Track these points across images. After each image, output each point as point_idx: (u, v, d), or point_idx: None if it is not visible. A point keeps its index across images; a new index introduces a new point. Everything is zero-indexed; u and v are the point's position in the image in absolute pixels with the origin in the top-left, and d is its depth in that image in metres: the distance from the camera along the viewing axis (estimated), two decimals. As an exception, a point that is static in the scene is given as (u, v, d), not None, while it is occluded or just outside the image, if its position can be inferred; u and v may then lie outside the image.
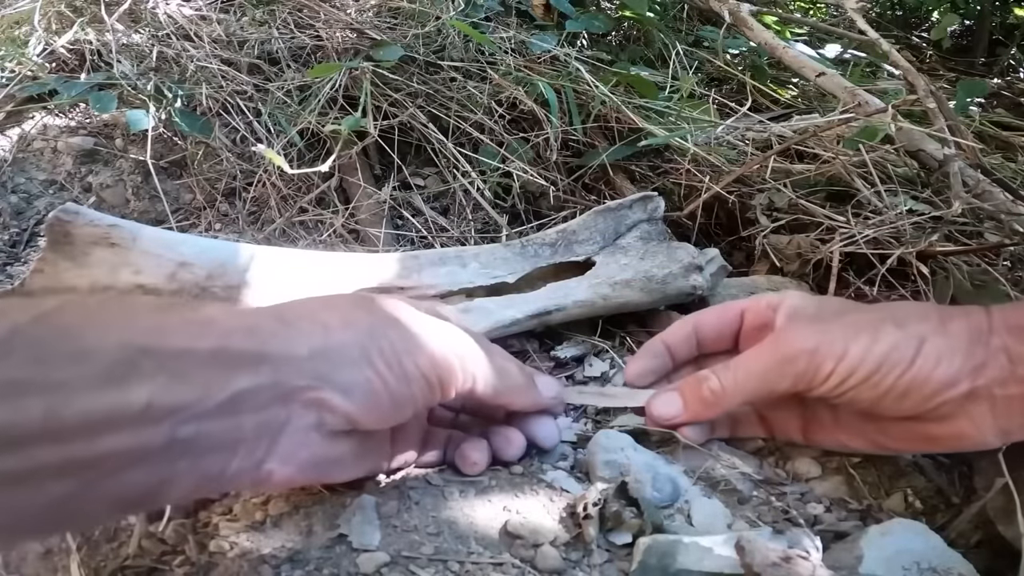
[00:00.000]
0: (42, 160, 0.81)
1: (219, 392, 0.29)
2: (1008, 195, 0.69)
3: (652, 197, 0.65)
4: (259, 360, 0.31)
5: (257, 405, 0.30)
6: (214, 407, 0.29)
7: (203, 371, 0.29)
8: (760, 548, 0.33)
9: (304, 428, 0.33)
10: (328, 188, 0.79)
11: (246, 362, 0.30)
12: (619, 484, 0.39)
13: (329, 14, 0.95)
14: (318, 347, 0.33)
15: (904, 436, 0.42)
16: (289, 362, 0.32)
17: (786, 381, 0.42)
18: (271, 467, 0.32)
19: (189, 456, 0.29)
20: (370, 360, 0.34)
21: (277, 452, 0.32)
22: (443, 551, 0.36)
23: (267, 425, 0.31)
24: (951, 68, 1.47)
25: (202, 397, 0.28)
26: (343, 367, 0.34)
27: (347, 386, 0.33)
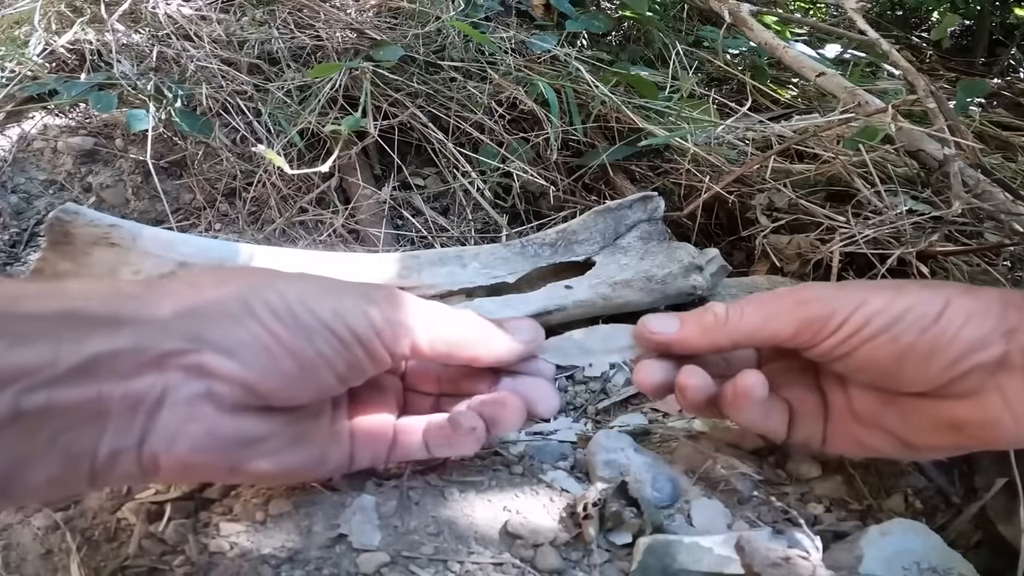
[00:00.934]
0: (42, 160, 0.81)
1: (70, 356, 0.26)
2: (1008, 195, 0.69)
3: (652, 197, 0.65)
4: (115, 322, 0.27)
5: (119, 372, 0.27)
6: (64, 371, 0.25)
7: (50, 334, 0.26)
8: (760, 548, 0.33)
9: (189, 399, 0.28)
10: (328, 188, 0.79)
11: (100, 324, 0.27)
12: (619, 484, 0.39)
13: (329, 14, 0.96)
14: (186, 306, 0.29)
15: (927, 425, 0.37)
16: (151, 324, 0.28)
17: (792, 326, 0.37)
18: (155, 448, 0.28)
19: (45, 430, 0.25)
20: (253, 312, 0.30)
21: (159, 429, 0.28)
22: (443, 551, 0.36)
23: (138, 396, 0.27)
24: (951, 68, 1.47)
25: (51, 361, 0.25)
26: (220, 324, 0.29)
27: (229, 346, 0.29)
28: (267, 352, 0.30)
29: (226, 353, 0.29)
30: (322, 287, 0.33)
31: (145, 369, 0.27)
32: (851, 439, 0.41)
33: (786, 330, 0.38)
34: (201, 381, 0.28)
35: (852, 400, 0.40)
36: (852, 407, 0.40)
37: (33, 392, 0.25)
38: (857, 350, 0.36)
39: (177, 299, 0.29)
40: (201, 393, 0.29)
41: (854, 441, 0.41)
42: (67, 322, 0.26)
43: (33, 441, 0.25)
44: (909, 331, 0.35)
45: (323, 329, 0.31)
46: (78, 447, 0.26)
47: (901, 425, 0.38)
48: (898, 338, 0.35)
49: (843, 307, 0.36)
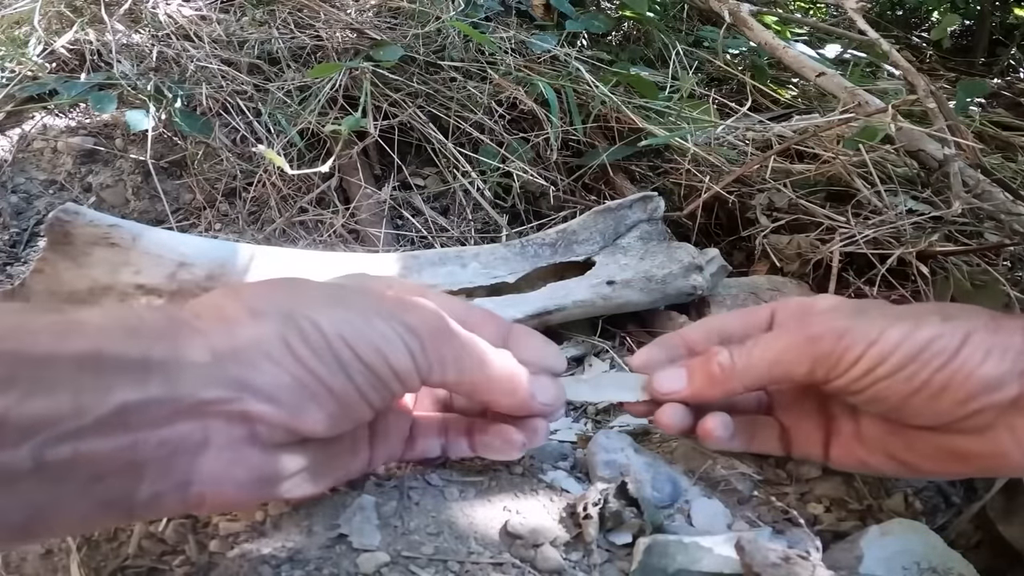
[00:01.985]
0: (42, 160, 0.81)
1: (97, 406, 0.24)
2: (1008, 195, 0.69)
3: (652, 197, 0.65)
4: (144, 368, 0.25)
5: (153, 421, 0.25)
6: (92, 423, 0.24)
7: (71, 380, 0.24)
8: (760, 548, 0.33)
9: (232, 443, 0.28)
10: (328, 188, 0.79)
11: (127, 370, 0.25)
12: (619, 484, 0.39)
13: (329, 14, 0.95)
14: (223, 348, 0.27)
15: (932, 453, 0.37)
16: (185, 370, 0.26)
17: (804, 364, 0.37)
18: (201, 489, 0.27)
19: (73, 481, 0.24)
20: (293, 352, 0.28)
21: (203, 472, 0.27)
22: (443, 551, 0.36)
23: (176, 442, 0.26)
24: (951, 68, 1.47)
25: (75, 411, 0.23)
26: (260, 368, 0.28)
27: (271, 391, 0.28)
28: (309, 393, 0.29)
29: (268, 399, 0.28)
30: (361, 315, 0.31)
31: (182, 416, 0.26)
32: (854, 459, 0.41)
33: (799, 369, 0.37)
34: (244, 426, 0.28)
35: (860, 426, 0.40)
36: (859, 432, 0.40)
37: (58, 444, 0.23)
38: (870, 388, 0.35)
39: (212, 340, 0.27)
40: (244, 437, 0.28)
41: (856, 460, 0.41)
42: (88, 367, 0.24)
43: (60, 489, 0.24)
44: (925, 369, 0.34)
45: (363, 368, 0.30)
46: (113, 494, 0.25)
47: (905, 452, 0.38)
48: (913, 376, 0.34)
49: (857, 342, 0.35)
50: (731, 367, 0.38)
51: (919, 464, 0.38)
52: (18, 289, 0.48)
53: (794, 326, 0.39)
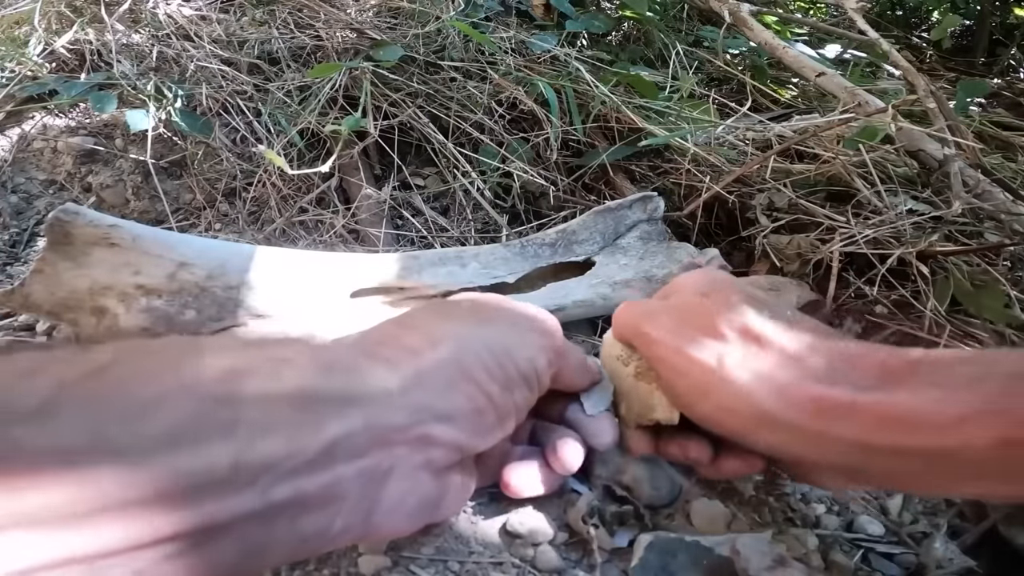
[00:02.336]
0: (42, 160, 0.81)
1: (311, 442, 0.25)
2: (1008, 195, 0.69)
3: (652, 197, 0.65)
4: (345, 402, 0.27)
5: (355, 452, 0.26)
6: (306, 462, 0.25)
7: (287, 420, 0.25)
8: (755, 552, 0.34)
9: (411, 471, 0.29)
10: (328, 188, 0.78)
11: (331, 404, 0.26)
12: (605, 488, 0.40)
13: (329, 14, 0.96)
14: (410, 376, 0.29)
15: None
16: (378, 399, 0.28)
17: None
18: (378, 520, 0.28)
19: (286, 518, 0.25)
20: (469, 375, 0.31)
21: (383, 502, 0.28)
22: (443, 551, 0.36)
23: (369, 473, 0.27)
24: (951, 68, 1.47)
25: (294, 451, 0.24)
26: (440, 392, 0.30)
27: (449, 413, 0.30)
28: (479, 413, 0.31)
29: (447, 420, 0.29)
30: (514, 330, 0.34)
31: (375, 447, 0.27)
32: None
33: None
34: (423, 452, 0.29)
35: None
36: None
37: (281, 483, 0.24)
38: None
39: (401, 369, 0.29)
40: (421, 463, 0.29)
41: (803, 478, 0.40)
42: (298, 405, 0.25)
43: (275, 529, 0.24)
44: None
45: (522, 380, 0.33)
46: (314, 529, 0.26)
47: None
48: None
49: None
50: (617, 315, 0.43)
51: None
52: (18, 289, 0.48)
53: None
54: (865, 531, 0.42)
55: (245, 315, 0.51)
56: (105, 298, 0.49)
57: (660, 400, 0.39)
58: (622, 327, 0.41)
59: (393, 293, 0.56)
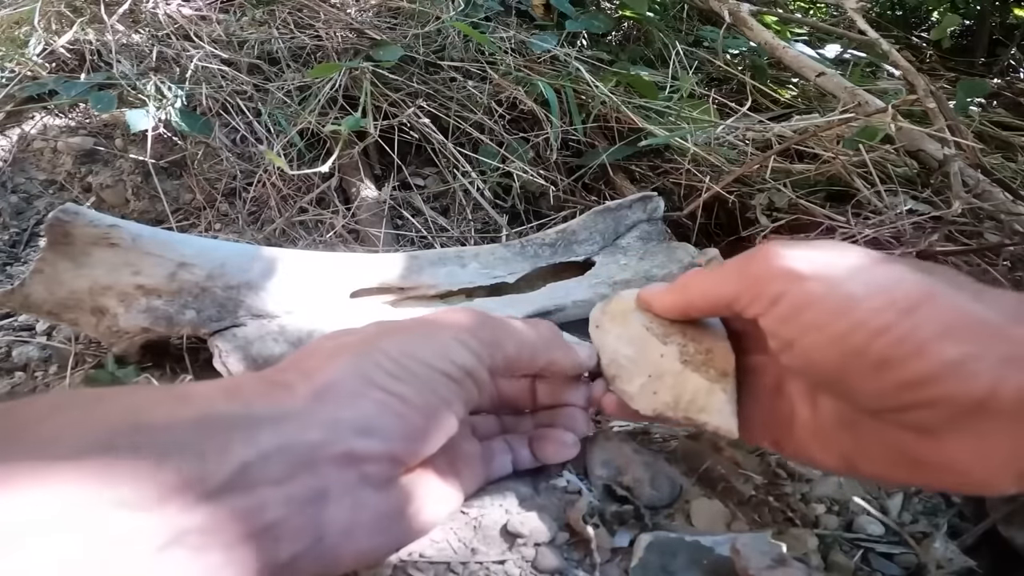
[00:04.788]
0: (42, 160, 0.81)
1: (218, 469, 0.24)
2: (1008, 195, 0.69)
3: (652, 197, 0.65)
4: (250, 423, 0.26)
5: (275, 477, 0.26)
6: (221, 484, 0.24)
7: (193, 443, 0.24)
8: (755, 552, 0.34)
9: (349, 490, 0.28)
10: (328, 188, 0.78)
11: (237, 427, 0.26)
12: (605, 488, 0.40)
13: (329, 14, 0.96)
14: (309, 394, 0.28)
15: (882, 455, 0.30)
16: (286, 419, 0.27)
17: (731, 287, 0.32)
18: (334, 543, 0.27)
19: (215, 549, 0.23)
20: (374, 382, 0.29)
21: (331, 525, 0.27)
22: (444, 551, 0.36)
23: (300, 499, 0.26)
24: (951, 68, 1.47)
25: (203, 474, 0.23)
26: (349, 403, 0.29)
27: (365, 422, 0.29)
28: (399, 418, 0.30)
29: (365, 432, 0.28)
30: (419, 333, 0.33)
31: (298, 470, 0.26)
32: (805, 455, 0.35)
33: (725, 292, 0.32)
34: (353, 469, 0.28)
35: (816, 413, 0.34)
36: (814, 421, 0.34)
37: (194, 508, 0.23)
38: (799, 341, 0.29)
39: (301, 389, 0.29)
40: (357, 480, 0.28)
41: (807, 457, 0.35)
42: (203, 429, 0.25)
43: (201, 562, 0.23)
44: (860, 330, 0.26)
45: (437, 375, 0.31)
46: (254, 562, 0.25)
47: (856, 451, 0.31)
48: (844, 337, 0.26)
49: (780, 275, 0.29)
50: (686, 283, 0.36)
51: (870, 468, 0.31)
52: (18, 289, 0.48)
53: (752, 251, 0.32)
54: (865, 531, 0.42)
55: (245, 315, 0.51)
56: (105, 298, 0.49)
57: (722, 405, 0.34)
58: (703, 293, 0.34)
59: (393, 293, 0.56)
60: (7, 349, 0.57)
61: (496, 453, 0.40)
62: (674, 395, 0.36)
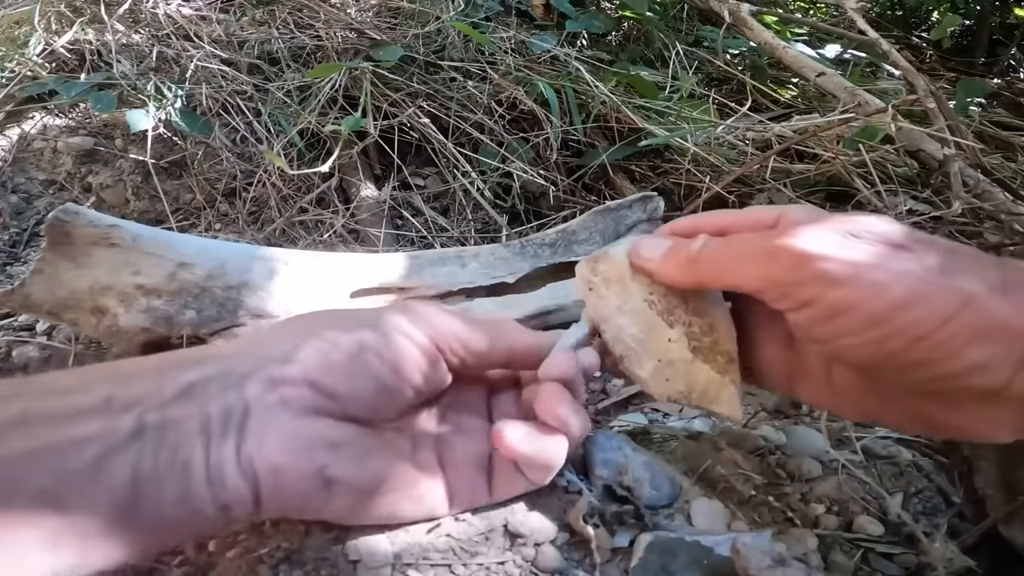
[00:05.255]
0: (42, 160, 0.81)
1: (173, 384, 0.31)
2: (1008, 195, 0.69)
3: (652, 197, 0.65)
4: (201, 361, 0.33)
5: (212, 393, 0.32)
6: (171, 396, 0.31)
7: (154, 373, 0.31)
8: (755, 552, 0.34)
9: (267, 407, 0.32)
10: (328, 188, 0.79)
11: (190, 362, 0.32)
12: (605, 488, 0.40)
13: (329, 14, 0.96)
14: (255, 339, 0.35)
15: (904, 415, 0.33)
16: (229, 357, 0.33)
17: (756, 281, 0.31)
18: (249, 452, 0.31)
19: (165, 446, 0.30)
20: (314, 331, 0.34)
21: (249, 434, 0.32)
22: (444, 552, 0.36)
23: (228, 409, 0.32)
24: (951, 68, 1.47)
25: (157, 389, 0.31)
26: (278, 341, 0.34)
27: (290, 355, 0.33)
28: (320, 353, 0.33)
29: (288, 361, 0.33)
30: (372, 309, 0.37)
31: (231, 389, 0.32)
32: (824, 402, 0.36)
33: (750, 284, 0.32)
34: (275, 391, 0.32)
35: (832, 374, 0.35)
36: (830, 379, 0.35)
37: (151, 412, 0.30)
38: (833, 341, 0.30)
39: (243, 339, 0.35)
40: (276, 401, 0.32)
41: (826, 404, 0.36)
42: (165, 365, 0.32)
43: (158, 457, 0.29)
44: (899, 337, 0.28)
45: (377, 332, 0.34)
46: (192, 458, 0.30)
47: (878, 409, 0.34)
48: (882, 343, 0.28)
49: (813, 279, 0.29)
50: (695, 258, 0.34)
51: (887, 421, 0.35)
52: (18, 289, 0.48)
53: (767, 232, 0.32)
54: (865, 531, 0.42)
55: (245, 315, 0.51)
56: (105, 298, 0.49)
57: (731, 396, 0.34)
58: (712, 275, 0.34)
59: (393, 293, 0.56)
60: (7, 349, 0.57)
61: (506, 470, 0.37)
62: (687, 384, 0.36)
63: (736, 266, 0.32)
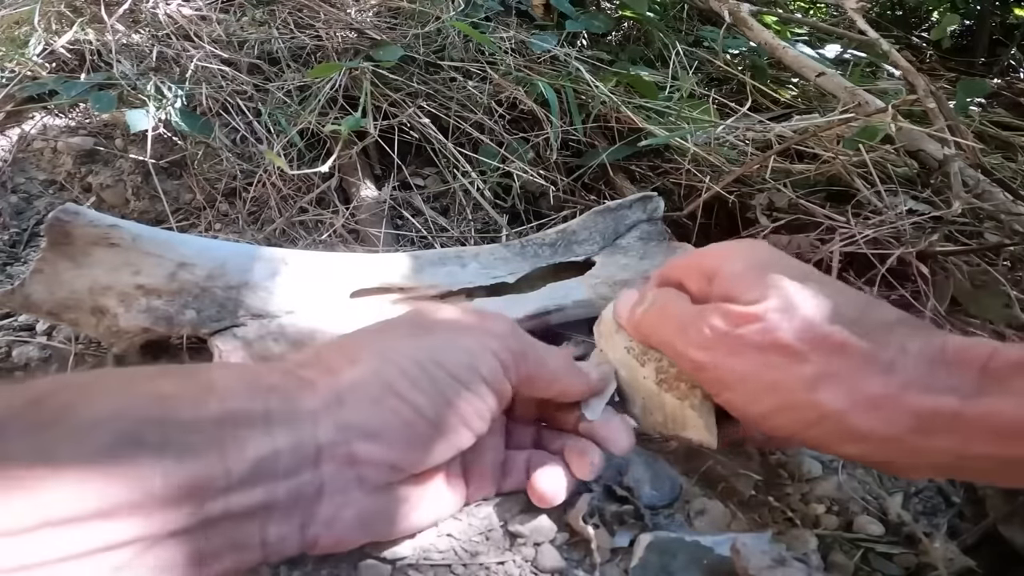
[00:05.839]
0: (42, 160, 0.81)
1: (237, 464, 0.27)
2: (1008, 195, 0.69)
3: (652, 197, 0.65)
4: (268, 420, 0.28)
5: (283, 471, 0.28)
6: (236, 480, 0.27)
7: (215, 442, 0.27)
8: (755, 552, 0.34)
9: (343, 488, 0.30)
10: (328, 188, 0.78)
11: (254, 424, 0.28)
12: (605, 488, 0.40)
13: (329, 14, 0.95)
14: (331, 395, 0.30)
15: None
16: (303, 419, 0.29)
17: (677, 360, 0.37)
18: (316, 532, 0.30)
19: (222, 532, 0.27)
20: (392, 387, 0.30)
21: (318, 516, 0.30)
22: (445, 552, 0.36)
23: (299, 492, 0.29)
24: (951, 68, 1.47)
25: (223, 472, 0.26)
26: (366, 409, 0.30)
27: (374, 429, 0.30)
28: (409, 427, 0.31)
29: (372, 437, 0.30)
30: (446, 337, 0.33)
31: (304, 466, 0.29)
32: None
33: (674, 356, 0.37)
34: (352, 469, 0.30)
35: None
36: None
37: (211, 502, 0.26)
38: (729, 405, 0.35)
39: (320, 389, 0.30)
40: (353, 480, 0.30)
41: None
42: (226, 427, 0.27)
43: (211, 543, 0.27)
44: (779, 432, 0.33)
45: (457, 384, 0.32)
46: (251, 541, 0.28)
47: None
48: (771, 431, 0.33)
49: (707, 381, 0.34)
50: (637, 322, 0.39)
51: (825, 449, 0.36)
52: (18, 289, 0.48)
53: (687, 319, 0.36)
54: (865, 531, 0.42)
55: (245, 315, 0.51)
56: (105, 298, 0.49)
57: (695, 420, 0.36)
58: (647, 334, 0.38)
59: (393, 293, 0.56)
60: (7, 349, 0.56)
61: (515, 468, 0.39)
62: (662, 415, 0.38)
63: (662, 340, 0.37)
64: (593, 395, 0.39)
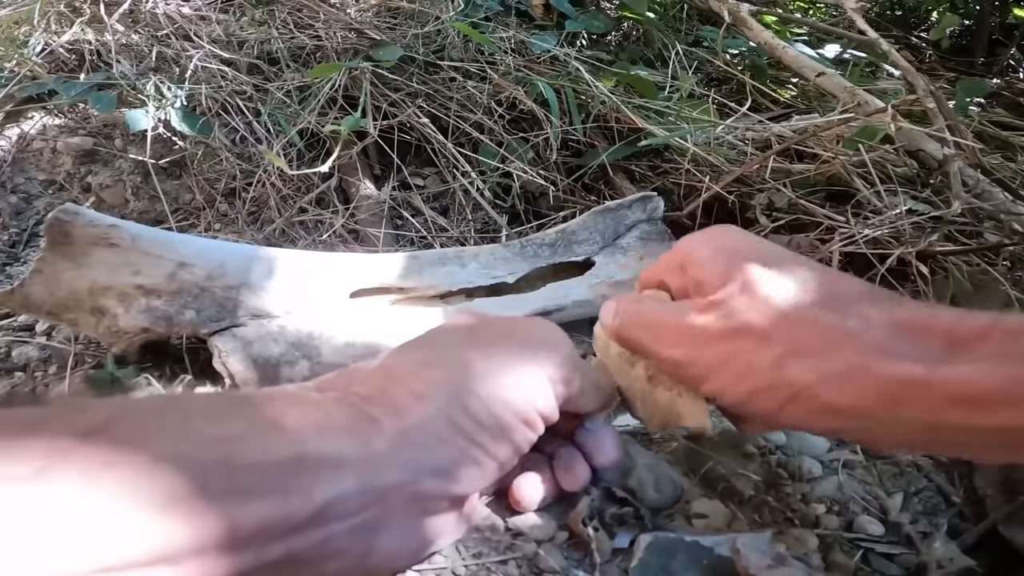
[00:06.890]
0: (41, 160, 0.81)
1: (302, 507, 0.26)
2: (1008, 195, 0.69)
3: (651, 197, 0.65)
4: (338, 464, 0.28)
5: (347, 512, 0.28)
6: (300, 523, 0.26)
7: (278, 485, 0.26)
8: (755, 552, 0.34)
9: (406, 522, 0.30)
10: (328, 188, 0.78)
11: (323, 467, 0.27)
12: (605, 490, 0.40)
13: (329, 14, 0.95)
14: (398, 434, 0.29)
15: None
16: (371, 461, 0.29)
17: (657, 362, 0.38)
18: (375, 563, 0.30)
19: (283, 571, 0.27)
20: (461, 429, 0.31)
21: (379, 549, 0.29)
22: (445, 552, 0.36)
23: (361, 528, 0.28)
24: (951, 68, 1.47)
25: (285, 516, 0.26)
26: (433, 448, 0.30)
27: (444, 468, 0.30)
28: (476, 466, 0.31)
29: (441, 475, 0.30)
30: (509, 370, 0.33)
31: (371, 506, 0.28)
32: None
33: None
34: (418, 505, 0.30)
35: None
36: None
37: (272, 544, 0.25)
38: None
39: (387, 428, 0.29)
40: (417, 513, 0.30)
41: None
42: (292, 470, 0.26)
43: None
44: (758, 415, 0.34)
45: (520, 424, 0.32)
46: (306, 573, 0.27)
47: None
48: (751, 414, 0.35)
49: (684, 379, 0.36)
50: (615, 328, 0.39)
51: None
52: (18, 289, 0.48)
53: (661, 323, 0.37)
54: (865, 531, 0.42)
55: (245, 315, 0.51)
56: (105, 298, 0.49)
57: (687, 408, 0.37)
58: (626, 340, 0.39)
59: (393, 293, 0.56)
60: (7, 349, 0.56)
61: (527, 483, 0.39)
62: (660, 411, 0.38)
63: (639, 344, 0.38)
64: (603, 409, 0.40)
